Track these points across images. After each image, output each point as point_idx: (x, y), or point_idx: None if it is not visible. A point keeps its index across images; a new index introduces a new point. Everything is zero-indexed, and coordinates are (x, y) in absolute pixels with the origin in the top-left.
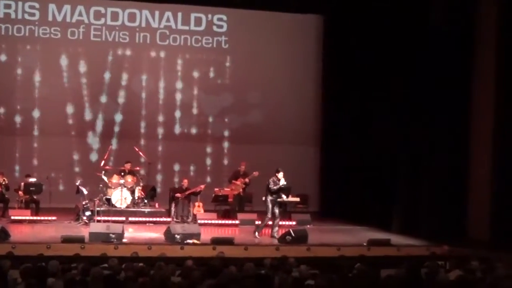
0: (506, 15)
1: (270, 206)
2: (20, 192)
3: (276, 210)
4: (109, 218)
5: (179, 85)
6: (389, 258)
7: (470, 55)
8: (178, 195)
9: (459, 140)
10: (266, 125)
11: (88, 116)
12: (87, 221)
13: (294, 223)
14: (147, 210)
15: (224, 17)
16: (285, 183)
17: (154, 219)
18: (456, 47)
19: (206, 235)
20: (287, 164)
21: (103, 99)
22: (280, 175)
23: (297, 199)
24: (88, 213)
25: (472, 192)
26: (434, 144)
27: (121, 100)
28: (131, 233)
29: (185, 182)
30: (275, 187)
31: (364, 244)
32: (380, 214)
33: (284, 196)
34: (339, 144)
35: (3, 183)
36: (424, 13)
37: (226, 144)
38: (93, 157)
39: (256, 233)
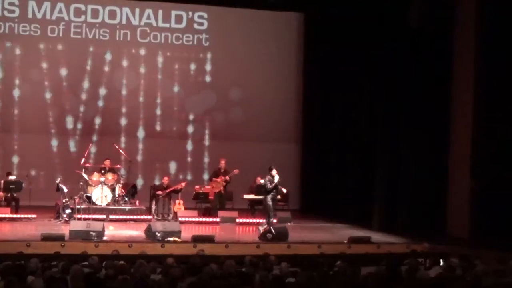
0: (486, 13)
1: (270, 204)
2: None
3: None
4: (90, 216)
5: (159, 82)
6: (370, 256)
7: (449, 54)
8: (158, 192)
9: (438, 137)
10: (246, 123)
11: (68, 113)
12: (67, 219)
13: (274, 220)
14: (127, 207)
15: (205, 15)
16: (279, 178)
17: (135, 216)
18: (435, 46)
19: (187, 232)
20: (268, 162)
21: (83, 96)
22: (274, 172)
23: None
24: (68, 211)
25: (452, 189)
26: (414, 142)
27: (101, 97)
28: (111, 231)
29: (166, 180)
30: (271, 186)
31: (345, 241)
32: (360, 212)
33: (284, 190)
34: (319, 142)
35: None
36: (403, 11)
37: (207, 142)
38: (73, 154)
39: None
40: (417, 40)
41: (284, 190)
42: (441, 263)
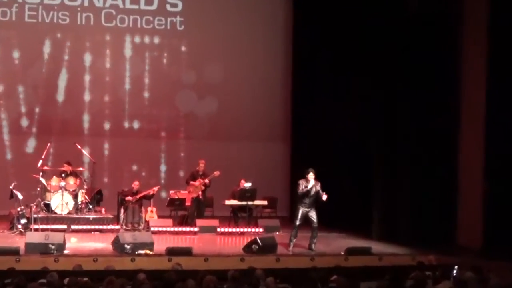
0: None
1: (298, 215)
2: None
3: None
4: (48, 227)
5: (127, 73)
6: (370, 269)
7: (455, 42)
8: (128, 199)
9: (447, 137)
10: (227, 118)
11: (23, 109)
12: (22, 230)
13: (261, 230)
14: (92, 216)
15: None
16: (314, 185)
17: (100, 226)
18: (439, 33)
19: (161, 244)
20: (253, 163)
21: (40, 89)
22: (311, 176)
23: (264, 202)
24: (23, 220)
25: (462, 194)
26: (418, 141)
27: (60, 90)
28: (73, 243)
29: (136, 184)
30: (302, 190)
31: (341, 253)
32: (359, 219)
33: (324, 197)
34: (310, 140)
35: None
36: None
37: (182, 140)
38: (29, 156)
39: (313, 246)
40: (419, 26)
41: (325, 197)
42: (452, 276)
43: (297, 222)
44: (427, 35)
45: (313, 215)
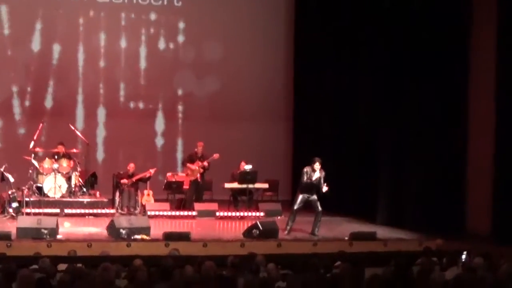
0: None
1: (295, 204)
2: None
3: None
4: (41, 211)
5: (123, 51)
6: (375, 255)
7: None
8: (123, 181)
9: (456, 120)
10: (227, 98)
11: (14, 88)
12: (13, 214)
13: (262, 214)
14: (86, 200)
15: None
16: (320, 176)
17: (95, 211)
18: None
19: (157, 229)
20: (253, 144)
21: (33, 68)
22: (317, 165)
23: (265, 185)
24: (15, 204)
25: (471, 177)
26: (426, 121)
27: (53, 69)
28: (67, 228)
29: (132, 167)
30: (305, 180)
31: (345, 238)
32: (363, 203)
33: (325, 188)
34: (314, 120)
35: None
36: None
37: (180, 121)
38: (21, 137)
39: (316, 231)
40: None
41: (325, 189)
42: (461, 262)
43: (296, 207)
44: (438, 10)
45: (314, 201)
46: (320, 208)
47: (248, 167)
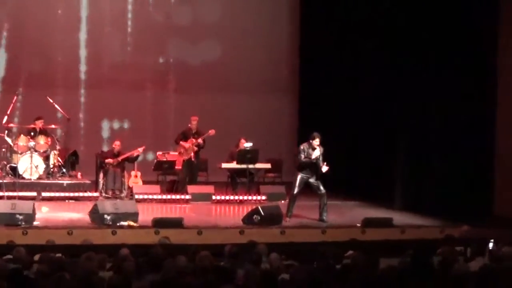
0: None
1: (296, 185)
2: None
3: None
4: (15, 194)
5: (107, 12)
6: (391, 243)
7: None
8: (108, 161)
9: (482, 94)
10: (225, 67)
11: None
12: None
13: (263, 198)
14: (66, 182)
15: None
16: (320, 153)
17: (76, 194)
18: None
19: (146, 215)
20: (254, 119)
21: (4, 34)
22: (316, 142)
23: (268, 166)
24: None
25: (500, 158)
26: (447, 92)
27: (28, 34)
28: (45, 213)
29: (117, 145)
30: (304, 159)
31: (358, 225)
32: (378, 186)
33: (324, 168)
34: (322, 93)
35: None
36: None
37: (172, 93)
38: None
39: (324, 216)
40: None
41: (324, 169)
42: (487, 251)
43: (295, 190)
44: None
45: (315, 181)
46: (323, 190)
47: (248, 144)
